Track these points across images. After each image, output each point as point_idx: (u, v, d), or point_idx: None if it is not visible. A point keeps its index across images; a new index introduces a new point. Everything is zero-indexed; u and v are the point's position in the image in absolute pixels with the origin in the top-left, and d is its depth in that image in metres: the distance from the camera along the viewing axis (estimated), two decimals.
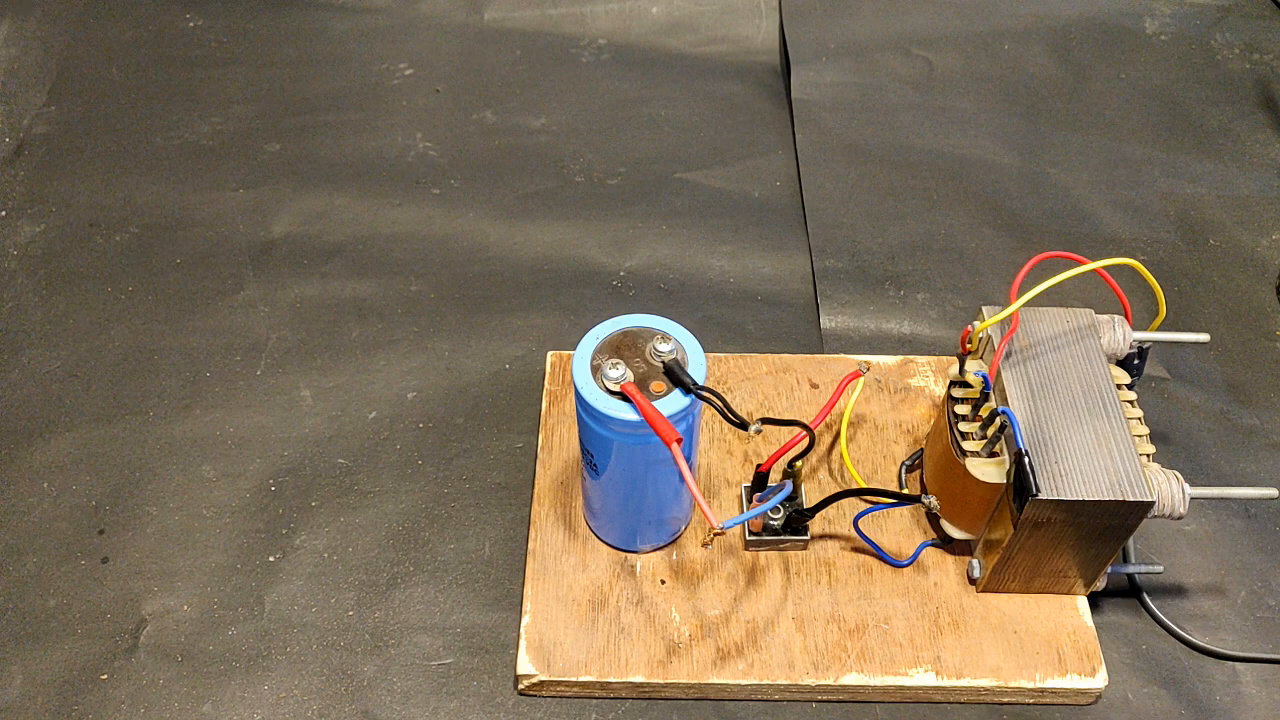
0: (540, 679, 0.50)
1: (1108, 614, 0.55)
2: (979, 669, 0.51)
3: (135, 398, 0.63)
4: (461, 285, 0.71)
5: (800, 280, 0.72)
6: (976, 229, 0.75)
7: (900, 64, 0.87)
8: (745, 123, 0.83)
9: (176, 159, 0.79)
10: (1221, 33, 0.91)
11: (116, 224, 0.74)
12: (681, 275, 0.72)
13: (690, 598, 0.53)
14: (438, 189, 0.77)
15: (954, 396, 0.52)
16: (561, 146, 0.81)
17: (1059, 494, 0.46)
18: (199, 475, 0.60)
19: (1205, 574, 0.57)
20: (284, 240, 0.73)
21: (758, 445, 0.59)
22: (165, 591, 0.55)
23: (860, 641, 0.52)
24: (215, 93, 0.84)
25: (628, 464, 0.49)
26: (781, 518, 0.54)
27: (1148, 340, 0.54)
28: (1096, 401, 0.50)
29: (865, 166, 0.79)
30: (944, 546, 0.55)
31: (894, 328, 0.68)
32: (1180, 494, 0.48)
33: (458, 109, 0.83)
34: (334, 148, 0.80)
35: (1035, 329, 0.53)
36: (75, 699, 0.51)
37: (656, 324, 0.48)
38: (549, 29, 0.90)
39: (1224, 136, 0.82)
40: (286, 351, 0.66)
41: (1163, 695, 0.52)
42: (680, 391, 0.46)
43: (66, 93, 0.84)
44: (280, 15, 0.91)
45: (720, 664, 0.51)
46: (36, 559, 0.56)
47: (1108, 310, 0.54)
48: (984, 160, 0.80)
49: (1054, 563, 0.50)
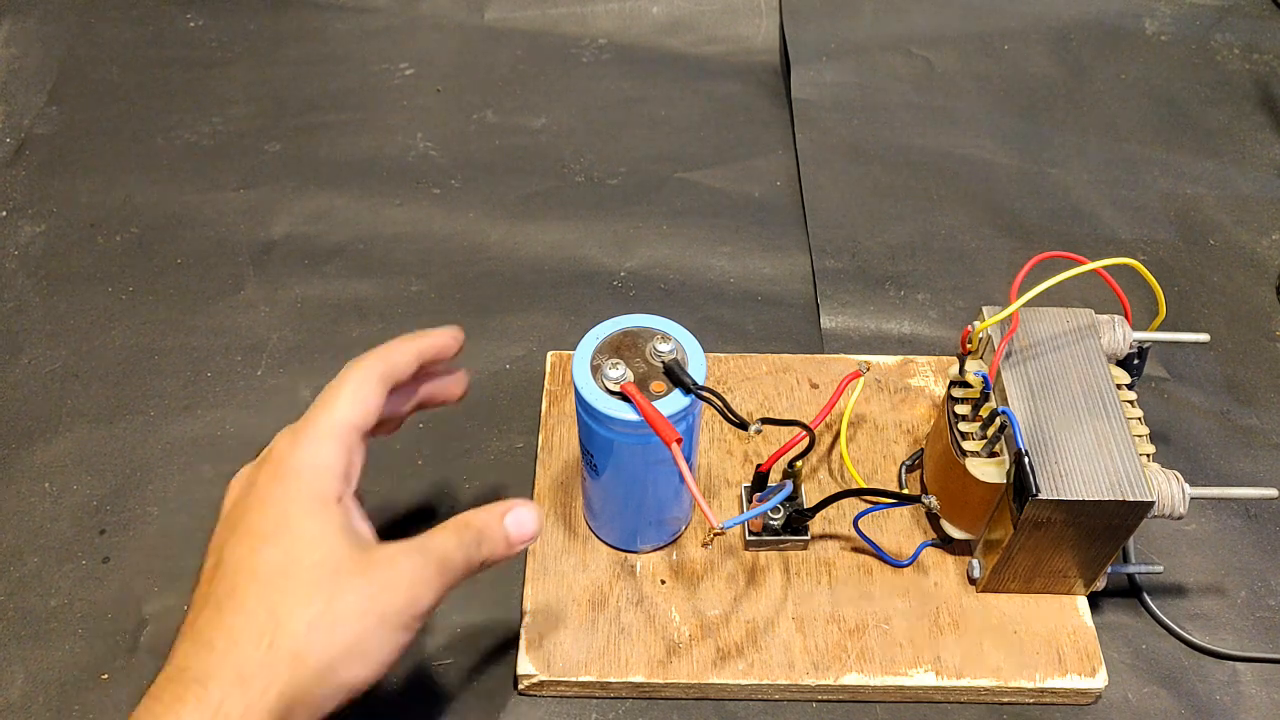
0: (540, 679, 0.50)
1: (1108, 614, 0.55)
2: (979, 669, 0.51)
3: (135, 398, 0.63)
4: (461, 285, 0.71)
5: (800, 280, 0.72)
6: (976, 229, 0.75)
7: (900, 64, 0.87)
8: (745, 123, 0.83)
9: (176, 159, 0.79)
10: (1221, 33, 0.91)
11: (116, 224, 0.74)
12: (681, 275, 0.72)
13: (690, 598, 0.53)
14: (438, 189, 0.77)
15: (954, 396, 0.52)
16: (562, 146, 0.81)
17: (1059, 494, 0.46)
18: (199, 475, 0.60)
19: (1205, 574, 0.57)
20: (284, 240, 0.73)
21: (758, 445, 0.59)
22: (166, 591, 0.55)
23: (860, 641, 0.52)
24: (215, 93, 0.84)
25: (628, 464, 0.49)
26: (781, 518, 0.54)
27: (1148, 340, 0.54)
28: (1096, 401, 0.50)
29: (865, 166, 0.79)
30: (944, 546, 0.55)
31: (894, 328, 0.68)
32: (1180, 494, 0.48)
33: (458, 109, 0.83)
34: (334, 148, 0.80)
35: (1035, 329, 0.53)
36: (76, 699, 0.51)
37: (656, 324, 0.48)
38: (549, 29, 0.90)
39: (1224, 136, 0.82)
40: (287, 351, 0.66)
41: (1163, 695, 0.52)
42: (680, 391, 0.46)
43: (66, 93, 0.84)
44: (280, 15, 0.91)
45: (720, 664, 0.51)
46: (37, 559, 0.56)
47: (1108, 310, 0.54)
48: (984, 160, 0.80)
49: (1054, 563, 0.51)
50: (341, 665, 0.37)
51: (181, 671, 0.36)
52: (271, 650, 0.36)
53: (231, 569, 0.38)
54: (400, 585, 0.39)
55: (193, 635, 0.37)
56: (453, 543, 0.41)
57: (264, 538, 0.39)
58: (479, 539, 0.42)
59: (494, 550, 0.42)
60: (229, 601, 0.37)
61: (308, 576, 0.38)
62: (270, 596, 0.37)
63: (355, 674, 0.38)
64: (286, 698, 0.36)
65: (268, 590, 0.37)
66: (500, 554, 0.43)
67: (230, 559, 0.39)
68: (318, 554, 0.38)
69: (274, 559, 0.38)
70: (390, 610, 0.38)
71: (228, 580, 0.38)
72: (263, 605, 0.37)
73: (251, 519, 0.39)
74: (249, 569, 0.38)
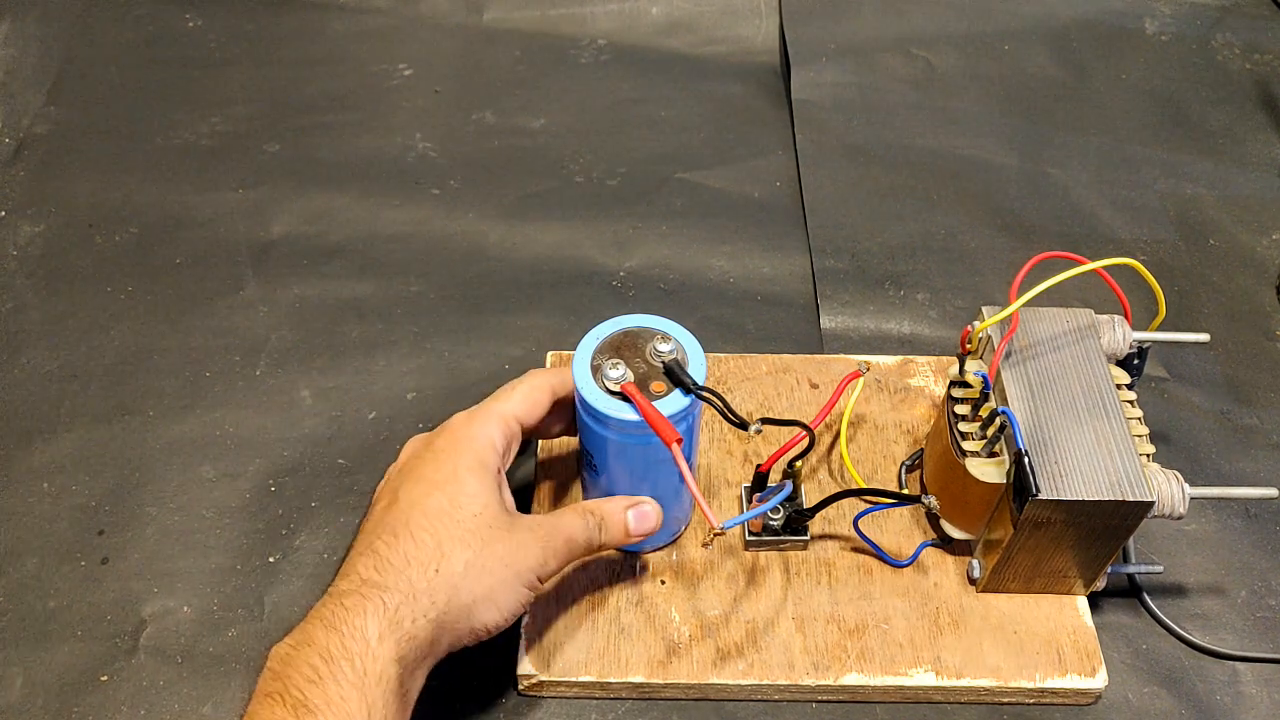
0: (540, 679, 0.50)
1: (1108, 614, 0.55)
2: (979, 669, 0.51)
3: (135, 398, 0.63)
4: (461, 285, 0.71)
5: (800, 280, 0.72)
6: (976, 229, 0.75)
7: (900, 64, 0.87)
8: (745, 123, 0.83)
9: (176, 159, 0.79)
10: (1221, 33, 0.91)
11: (116, 224, 0.74)
12: (681, 275, 0.72)
13: (690, 598, 0.53)
14: (437, 189, 0.77)
15: (954, 396, 0.52)
16: (561, 147, 0.81)
17: (1059, 494, 0.46)
18: (199, 475, 0.60)
19: (1205, 574, 0.57)
20: (284, 240, 0.73)
21: (758, 445, 0.59)
22: (165, 592, 0.55)
23: (860, 641, 0.52)
24: (215, 93, 0.84)
25: (628, 464, 0.49)
26: (781, 518, 0.54)
27: (1148, 340, 0.54)
28: (1096, 401, 0.50)
29: (865, 166, 0.79)
30: (944, 546, 0.55)
31: (894, 328, 0.68)
32: (1180, 494, 0.48)
33: (457, 109, 0.83)
34: (334, 148, 0.80)
35: (1035, 329, 0.53)
36: (75, 700, 0.51)
37: (656, 324, 0.48)
38: (549, 29, 0.90)
39: (1224, 136, 0.82)
40: (286, 352, 0.66)
41: (1163, 695, 0.52)
42: (680, 391, 0.46)
43: (66, 93, 0.84)
44: (280, 15, 0.91)
45: (720, 664, 0.51)
46: (36, 560, 0.56)
47: (1108, 310, 0.54)
48: (984, 160, 0.80)
49: (1054, 563, 0.50)
50: (480, 607, 0.44)
51: (364, 582, 0.42)
52: (437, 576, 0.43)
53: (406, 505, 0.45)
54: (534, 549, 0.45)
55: (372, 554, 0.43)
56: (579, 524, 0.48)
57: (436, 485, 0.45)
58: (600, 525, 0.48)
59: (613, 536, 0.49)
60: (404, 531, 0.44)
61: (468, 524, 0.44)
62: (438, 532, 0.44)
63: (489, 618, 0.44)
64: (439, 622, 0.43)
65: (436, 526, 0.44)
66: (618, 540, 0.49)
67: (405, 498, 0.45)
68: (476, 507, 0.45)
69: (442, 503, 0.45)
70: (524, 568, 0.45)
71: (403, 514, 0.44)
72: (432, 538, 0.44)
73: (426, 469, 0.46)
74: (421, 508, 0.44)
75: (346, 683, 0.40)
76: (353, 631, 0.41)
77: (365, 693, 0.40)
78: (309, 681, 0.39)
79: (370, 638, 0.41)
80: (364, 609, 0.41)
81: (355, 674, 0.40)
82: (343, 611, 0.41)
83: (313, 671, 0.40)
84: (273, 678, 0.40)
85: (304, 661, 0.40)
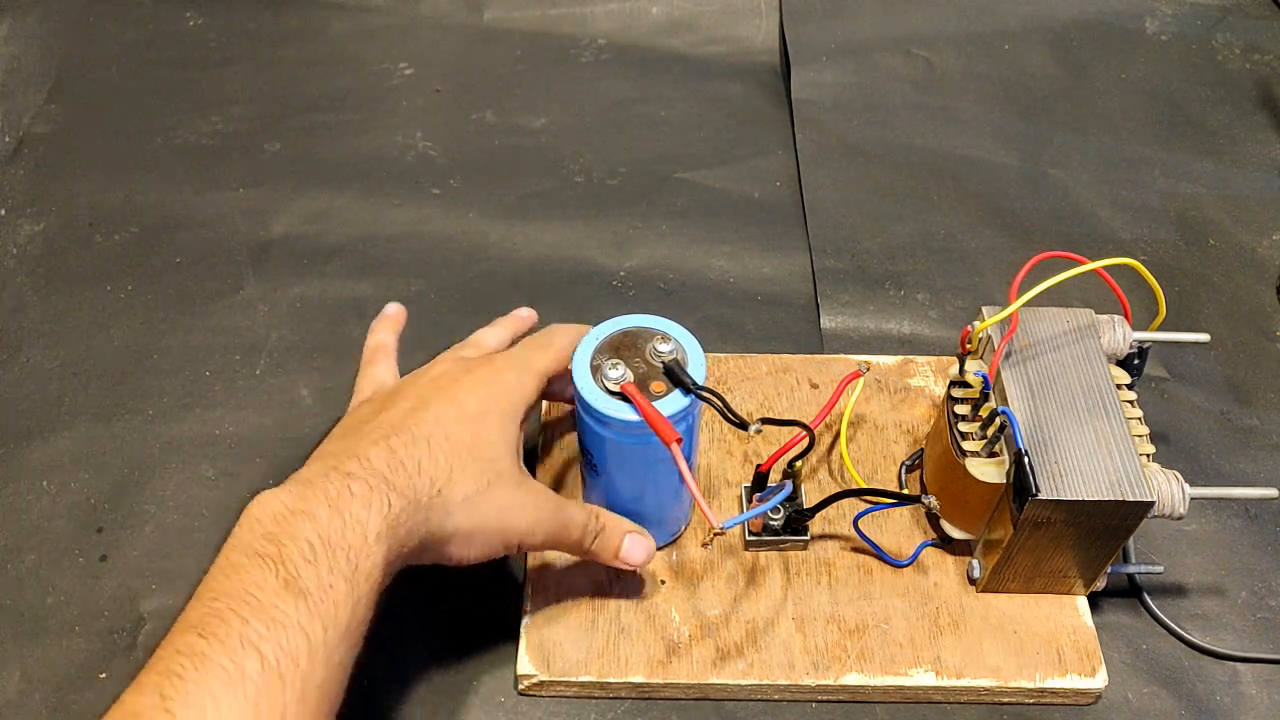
0: (540, 679, 0.50)
1: (1108, 614, 0.55)
2: (979, 669, 0.51)
3: (135, 397, 0.63)
4: (461, 285, 0.71)
5: (800, 280, 0.72)
6: (976, 229, 0.75)
7: (900, 64, 0.87)
8: (745, 123, 0.83)
9: (176, 159, 0.79)
10: (1221, 33, 0.91)
11: (116, 224, 0.74)
12: (681, 275, 0.72)
13: (690, 598, 0.53)
14: (438, 189, 0.77)
15: (954, 396, 0.52)
16: (561, 146, 0.81)
17: (1059, 494, 0.46)
18: (198, 475, 0.60)
19: (1205, 574, 0.57)
20: (284, 240, 0.73)
21: (758, 445, 0.59)
22: (164, 590, 0.55)
23: (860, 641, 0.52)
24: (215, 93, 0.84)
25: (628, 464, 0.49)
26: (781, 518, 0.54)
27: (1148, 340, 0.54)
28: (1096, 401, 0.50)
29: (865, 166, 0.79)
30: (944, 546, 0.55)
31: (894, 328, 0.68)
32: (1180, 494, 0.48)
33: (458, 109, 0.83)
34: (334, 148, 0.80)
35: (1035, 329, 0.53)
36: (73, 697, 0.51)
37: (656, 324, 0.48)
38: (549, 29, 0.90)
39: (1224, 136, 0.82)
40: (286, 351, 0.66)
41: (1163, 695, 0.52)
42: (680, 391, 0.46)
43: (66, 93, 0.84)
44: (280, 15, 0.91)
45: (720, 664, 0.51)
46: (35, 557, 0.56)
47: (1108, 310, 0.54)
48: (984, 160, 0.80)
49: (1054, 563, 0.50)
50: (457, 541, 0.45)
51: (375, 473, 0.42)
52: (438, 497, 0.44)
53: (432, 420, 0.45)
54: (529, 514, 0.46)
55: (387, 448, 0.44)
56: (580, 518, 0.48)
57: (467, 415, 0.46)
58: (599, 532, 0.49)
59: (604, 549, 0.49)
60: (424, 442, 0.44)
61: (482, 463, 0.45)
62: (453, 459, 0.44)
63: (459, 553, 0.45)
64: (427, 539, 0.43)
65: (452, 452, 0.45)
66: (606, 556, 0.49)
67: (434, 413, 0.46)
68: (494, 451, 0.46)
69: (466, 436, 0.45)
70: (511, 528, 0.46)
71: (428, 426, 0.45)
72: (446, 461, 0.44)
73: (461, 393, 0.47)
74: (445, 429, 0.45)
75: (339, 574, 0.39)
76: (354, 523, 0.40)
77: (354, 587, 0.40)
78: (305, 561, 0.39)
79: (369, 534, 0.41)
80: (370, 501, 0.41)
81: (348, 567, 0.40)
82: (349, 496, 0.41)
83: (310, 550, 0.39)
84: (267, 540, 0.39)
85: (301, 536, 0.39)
